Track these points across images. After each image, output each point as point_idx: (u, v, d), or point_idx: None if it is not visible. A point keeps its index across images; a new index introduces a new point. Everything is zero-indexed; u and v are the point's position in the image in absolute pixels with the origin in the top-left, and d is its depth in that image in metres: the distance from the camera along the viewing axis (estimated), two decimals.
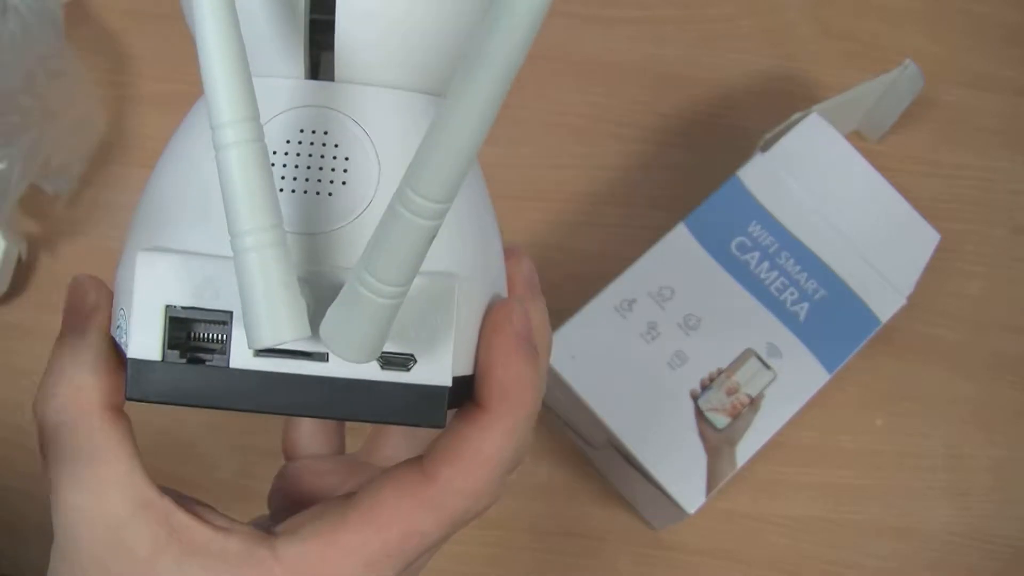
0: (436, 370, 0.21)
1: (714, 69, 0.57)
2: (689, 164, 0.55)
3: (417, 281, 0.20)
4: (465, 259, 0.23)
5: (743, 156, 0.49)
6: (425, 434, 0.24)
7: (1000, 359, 0.53)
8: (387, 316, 0.19)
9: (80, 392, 0.23)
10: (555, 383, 0.44)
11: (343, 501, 0.24)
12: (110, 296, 0.24)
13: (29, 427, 0.24)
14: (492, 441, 0.23)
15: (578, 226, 0.53)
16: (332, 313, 0.20)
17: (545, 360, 0.26)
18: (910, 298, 0.47)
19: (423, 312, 0.21)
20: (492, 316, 0.23)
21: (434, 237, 0.18)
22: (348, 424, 0.33)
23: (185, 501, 0.24)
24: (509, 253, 0.26)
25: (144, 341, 0.21)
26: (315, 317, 0.20)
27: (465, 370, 0.23)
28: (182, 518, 0.23)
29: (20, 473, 0.48)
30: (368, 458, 0.32)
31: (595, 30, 0.57)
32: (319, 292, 0.20)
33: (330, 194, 0.22)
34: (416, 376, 0.21)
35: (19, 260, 0.50)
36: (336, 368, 0.21)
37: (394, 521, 0.23)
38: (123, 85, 0.55)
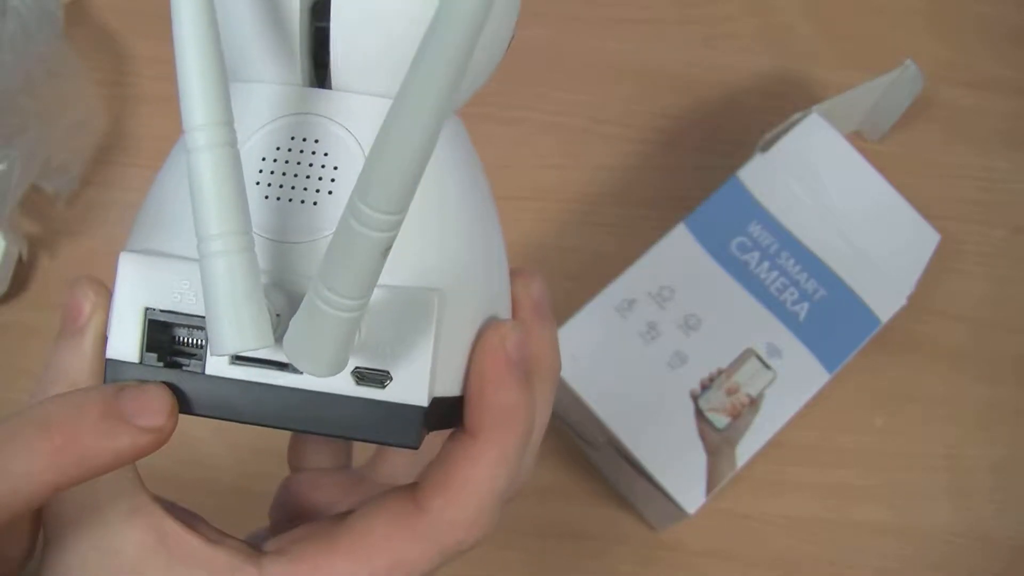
0: (412, 389, 0.21)
1: (714, 69, 0.57)
2: (689, 164, 0.55)
3: (397, 296, 0.20)
4: (455, 276, 0.22)
5: (743, 156, 0.49)
6: (428, 454, 0.24)
7: (1000, 359, 0.53)
8: (346, 329, 0.19)
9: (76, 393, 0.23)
10: None
11: (335, 523, 0.24)
12: (108, 298, 0.24)
13: None
14: (482, 471, 0.22)
15: (578, 226, 0.53)
16: (293, 325, 0.19)
17: (548, 387, 0.25)
18: (910, 298, 0.47)
19: (402, 329, 0.20)
20: (484, 338, 0.22)
21: (389, 249, 0.18)
22: None
23: (177, 510, 0.24)
24: (518, 274, 0.26)
25: (122, 342, 0.21)
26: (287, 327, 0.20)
27: (452, 391, 0.22)
28: (172, 526, 0.23)
29: None
30: (372, 474, 0.32)
31: (595, 30, 0.57)
32: (296, 302, 0.20)
33: (315, 203, 0.21)
34: (391, 394, 0.21)
35: (19, 260, 0.50)
36: (310, 381, 0.21)
37: (383, 551, 0.22)
38: (123, 85, 0.55)
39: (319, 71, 0.23)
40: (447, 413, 0.23)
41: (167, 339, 0.21)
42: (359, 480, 0.31)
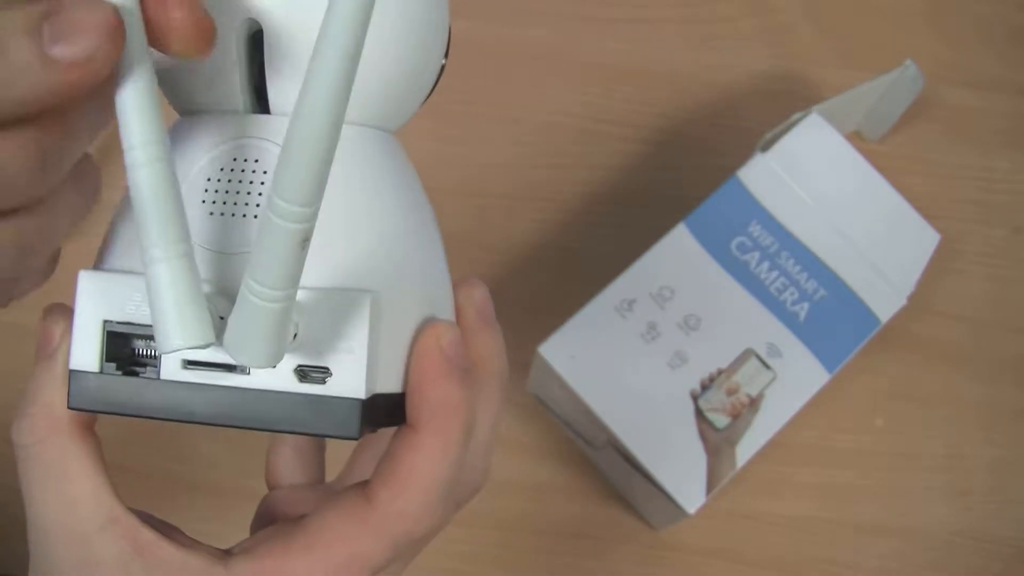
0: (350, 383, 0.22)
1: (714, 69, 0.57)
2: (689, 164, 0.55)
3: (332, 296, 0.22)
4: (390, 278, 0.23)
5: (743, 156, 0.49)
6: None
7: (1000, 359, 0.53)
8: (276, 319, 0.20)
9: (49, 411, 0.24)
10: (555, 383, 0.44)
11: (295, 523, 0.25)
12: None
13: None
14: (425, 462, 0.23)
15: (577, 226, 0.53)
16: (231, 321, 0.21)
17: (494, 390, 0.27)
18: (910, 298, 0.47)
19: (339, 327, 0.22)
20: (420, 337, 0.24)
21: (308, 240, 0.19)
22: (327, 453, 0.34)
23: (152, 521, 0.25)
24: (461, 283, 0.27)
25: (83, 354, 0.23)
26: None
27: (394, 388, 0.24)
28: (147, 534, 0.24)
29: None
30: (342, 486, 0.32)
31: (595, 30, 0.57)
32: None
33: (255, 216, 0.23)
34: (331, 388, 0.22)
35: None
36: (256, 380, 0.22)
37: (339, 544, 0.24)
38: None
39: (259, 96, 0.24)
40: (391, 410, 0.24)
41: (126, 351, 0.23)
42: (331, 494, 0.32)
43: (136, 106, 0.20)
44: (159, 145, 0.21)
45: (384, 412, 0.24)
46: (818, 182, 0.47)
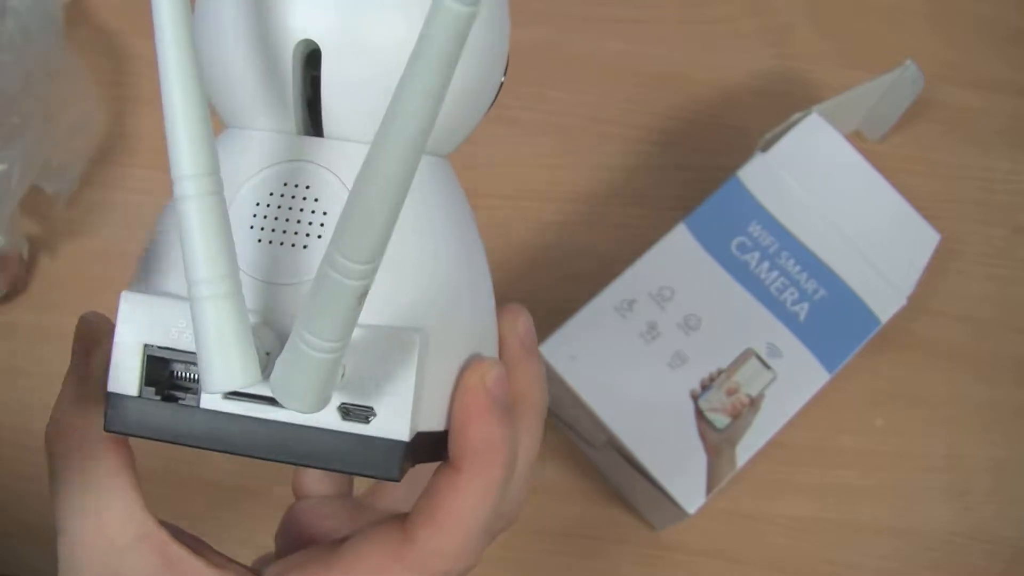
0: (394, 424, 0.22)
1: (714, 69, 0.57)
2: (689, 164, 0.55)
3: (380, 335, 0.21)
4: (439, 315, 0.23)
5: (743, 156, 0.49)
6: (423, 484, 0.25)
7: (1001, 359, 0.53)
8: (327, 369, 0.20)
9: (84, 421, 0.24)
10: (555, 383, 0.44)
11: (330, 550, 0.24)
12: (111, 331, 0.25)
13: (30, 427, 0.25)
14: (467, 503, 0.23)
15: (577, 226, 0.53)
16: (279, 365, 0.20)
17: (534, 422, 0.26)
18: (910, 298, 0.47)
19: (385, 366, 0.22)
20: (465, 375, 0.23)
21: (365, 295, 0.19)
22: None
23: (183, 536, 0.25)
24: (505, 310, 0.26)
25: (122, 377, 0.22)
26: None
27: (437, 426, 0.23)
28: (177, 550, 0.24)
29: (20, 475, 0.48)
30: (371, 502, 0.32)
31: (595, 30, 0.57)
32: (284, 340, 0.21)
33: (305, 247, 0.22)
34: (374, 429, 0.22)
35: (20, 260, 0.50)
36: (299, 416, 0.22)
37: None
38: (123, 85, 0.55)
39: (314, 117, 0.24)
40: (433, 446, 0.24)
41: (165, 374, 0.23)
42: (360, 508, 0.32)
43: (188, 132, 0.20)
44: (211, 177, 0.20)
45: (426, 449, 0.23)
46: (818, 182, 0.47)
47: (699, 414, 0.44)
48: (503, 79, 0.25)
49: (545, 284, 0.52)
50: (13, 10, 0.48)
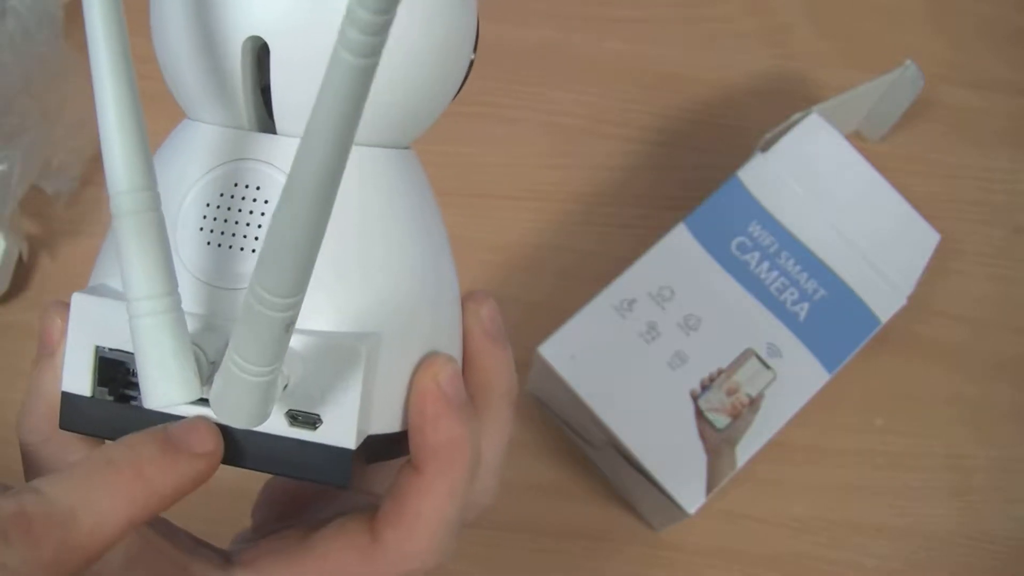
0: (340, 432, 0.22)
1: (714, 69, 0.57)
2: (689, 164, 0.55)
3: (327, 343, 0.21)
4: (393, 317, 0.23)
5: (743, 156, 0.49)
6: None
7: (1000, 359, 0.53)
8: (262, 390, 0.20)
9: (52, 410, 0.24)
10: (555, 383, 0.44)
11: (300, 541, 0.25)
12: None
13: None
14: (431, 504, 0.23)
15: (577, 226, 0.53)
16: (217, 379, 0.20)
17: (503, 409, 0.26)
18: (910, 298, 0.47)
19: (332, 374, 0.21)
20: (417, 377, 0.23)
21: (293, 324, 0.19)
22: None
23: (158, 522, 0.25)
24: (468, 299, 0.26)
25: (75, 377, 0.23)
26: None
27: (392, 427, 0.23)
28: (153, 536, 0.24)
29: (20, 475, 0.48)
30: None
31: (594, 30, 0.57)
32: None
33: (253, 250, 0.22)
34: (320, 436, 0.22)
35: (19, 260, 0.50)
36: None
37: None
38: None
39: (269, 113, 0.23)
40: (392, 446, 0.24)
41: (118, 374, 0.23)
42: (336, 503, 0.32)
43: (123, 147, 0.20)
44: (147, 193, 0.20)
45: (383, 449, 0.23)
46: (818, 182, 0.47)
47: (699, 414, 0.44)
48: (473, 56, 0.24)
49: (545, 284, 0.52)
50: (13, 10, 0.48)
